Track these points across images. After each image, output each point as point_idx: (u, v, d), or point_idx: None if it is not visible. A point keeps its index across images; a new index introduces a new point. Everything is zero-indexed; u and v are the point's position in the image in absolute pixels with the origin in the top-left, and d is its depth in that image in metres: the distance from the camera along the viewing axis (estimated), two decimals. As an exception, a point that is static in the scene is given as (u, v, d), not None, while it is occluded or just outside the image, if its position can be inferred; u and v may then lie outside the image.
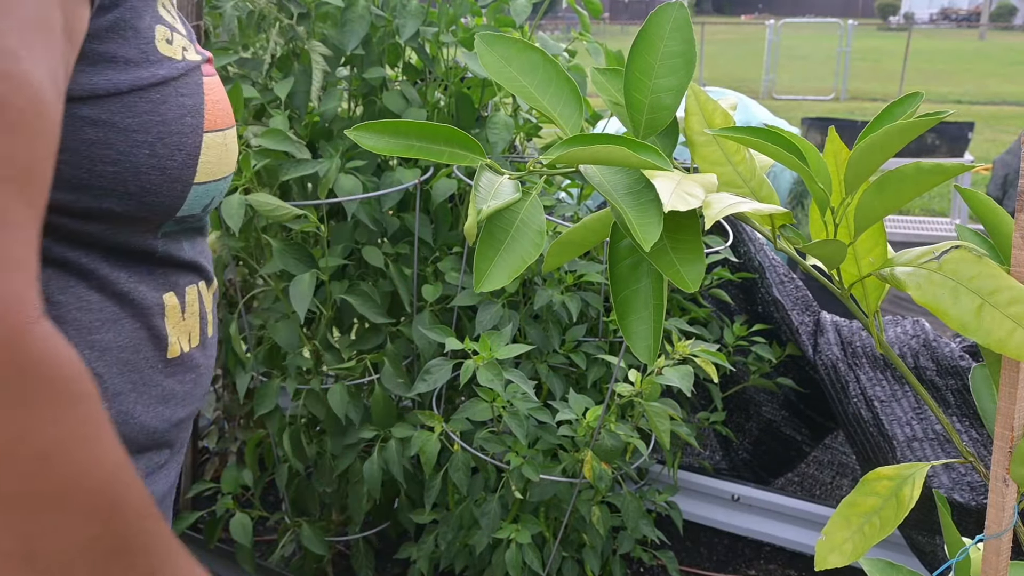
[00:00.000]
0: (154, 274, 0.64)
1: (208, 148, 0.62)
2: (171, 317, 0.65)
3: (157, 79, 0.58)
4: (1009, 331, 0.47)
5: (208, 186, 0.64)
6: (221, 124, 0.64)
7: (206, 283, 0.71)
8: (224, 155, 0.65)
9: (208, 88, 0.64)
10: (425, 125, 0.49)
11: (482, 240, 0.48)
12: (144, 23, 0.58)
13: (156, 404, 0.65)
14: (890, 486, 0.58)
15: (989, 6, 32.51)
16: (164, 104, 0.59)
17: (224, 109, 0.66)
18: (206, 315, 0.71)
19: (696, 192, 0.48)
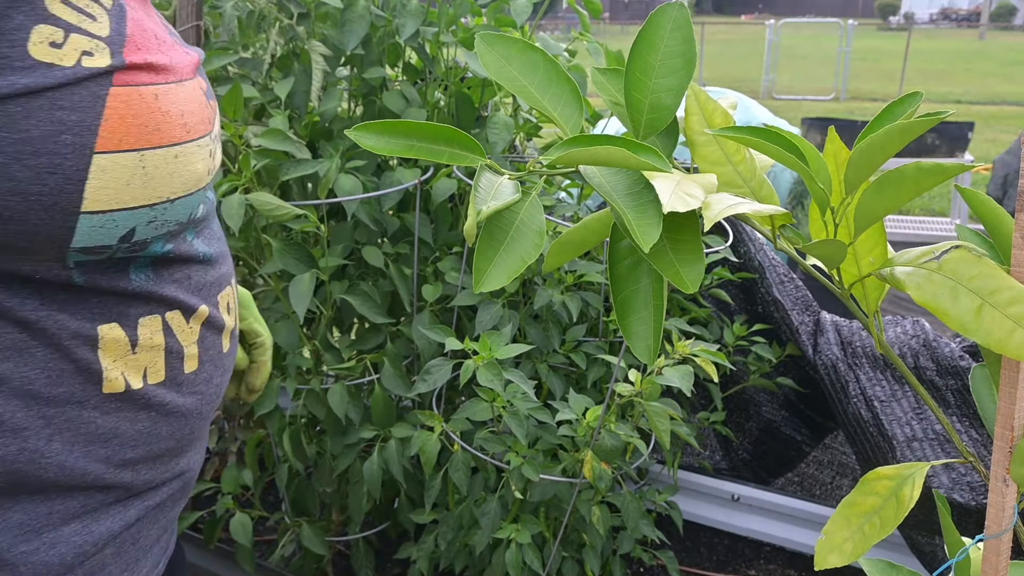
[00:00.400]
0: (85, 303, 0.58)
1: (104, 171, 0.53)
2: (110, 350, 0.59)
3: (17, 89, 0.50)
4: (1009, 331, 0.47)
5: (115, 215, 0.55)
6: (133, 144, 0.55)
7: (183, 314, 0.64)
8: (140, 179, 0.56)
9: (119, 100, 0.54)
10: (425, 125, 0.49)
11: (482, 240, 0.48)
12: (10, 23, 0.50)
13: (85, 443, 0.59)
14: (890, 486, 0.58)
15: (989, 6, 32.50)
16: (27, 119, 0.50)
17: (147, 124, 0.56)
18: (181, 350, 0.64)
19: (695, 193, 0.48)
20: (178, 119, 0.59)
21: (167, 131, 0.58)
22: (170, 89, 0.59)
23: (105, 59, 0.54)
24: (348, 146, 1.53)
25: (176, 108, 0.59)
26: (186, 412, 0.66)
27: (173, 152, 0.58)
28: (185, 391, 0.66)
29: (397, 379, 1.52)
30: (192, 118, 0.60)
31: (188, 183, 0.61)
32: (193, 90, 0.62)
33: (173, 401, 0.65)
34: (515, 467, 1.37)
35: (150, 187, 0.57)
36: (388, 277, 1.58)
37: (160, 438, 0.64)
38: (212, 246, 0.69)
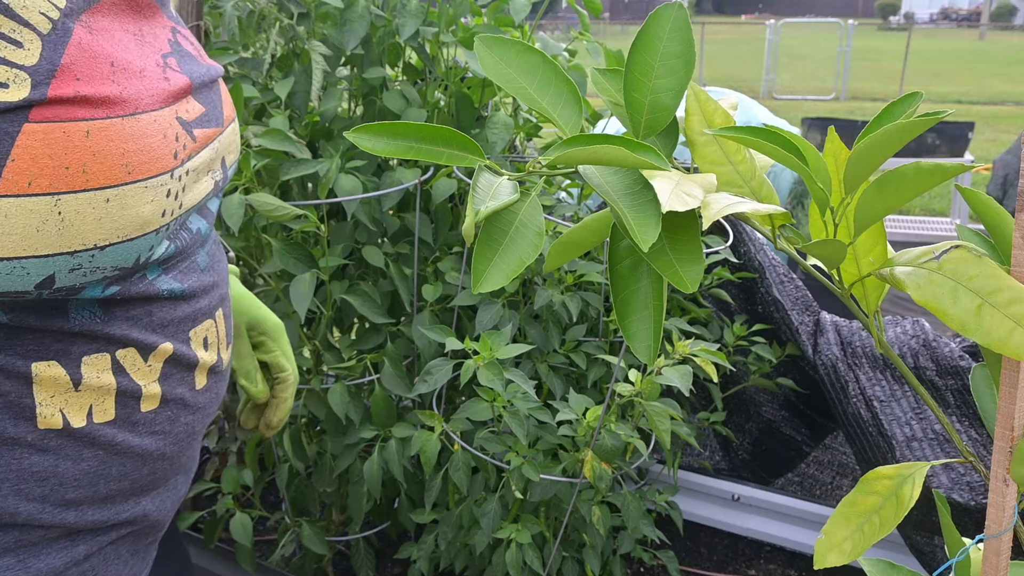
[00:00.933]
0: (16, 340, 0.54)
1: (7, 216, 0.48)
2: (47, 386, 0.55)
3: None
4: (1009, 331, 0.47)
5: (28, 261, 0.50)
6: (47, 187, 0.49)
7: (139, 351, 0.60)
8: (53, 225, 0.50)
9: (33, 141, 0.49)
10: (424, 127, 0.49)
11: (480, 241, 0.48)
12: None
13: (16, 481, 0.56)
14: (890, 485, 0.58)
15: (989, 6, 32.50)
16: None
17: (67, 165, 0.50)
18: (137, 389, 0.60)
19: (695, 192, 0.48)
20: (117, 158, 0.52)
21: (97, 172, 0.51)
22: (111, 124, 0.52)
23: (23, 91, 0.48)
24: (348, 146, 1.53)
25: (116, 146, 0.52)
26: (143, 453, 0.62)
27: (104, 196, 0.51)
28: (141, 431, 0.61)
29: (397, 379, 1.52)
30: (140, 156, 0.53)
31: (126, 229, 0.54)
32: (153, 123, 0.54)
33: (126, 441, 0.60)
34: (515, 467, 1.37)
35: (69, 234, 0.51)
36: (388, 277, 1.58)
37: (110, 478, 0.60)
38: (189, 280, 0.64)
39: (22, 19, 0.49)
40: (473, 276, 0.47)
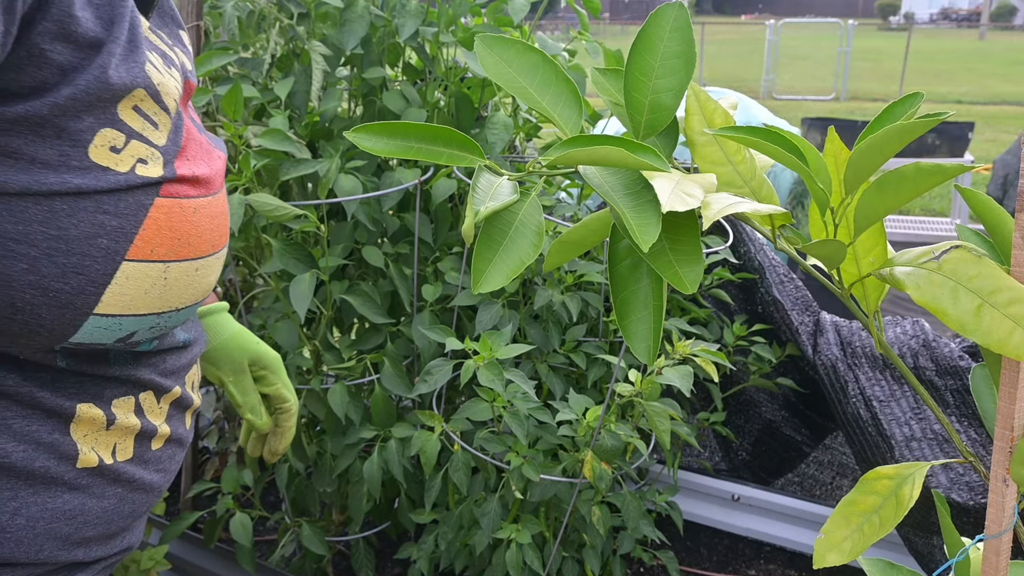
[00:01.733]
0: (63, 383, 0.57)
1: (127, 279, 0.53)
2: (82, 427, 0.58)
3: (68, 188, 0.49)
4: (1008, 331, 0.47)
5: (121, 320, 0.55)
6: (163, 255, 0.55)
7: (155, 394, 0.64)
8: (158, 289, 0.55)
9: (160, 211, 0.54)
10: (424, 126, 0.49)
11: (480, 241, 0.48)
12: (79, 124, 0.50)
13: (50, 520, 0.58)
14: (890, 485, 0.58)
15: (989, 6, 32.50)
16: (71, 217, 0.50)
17: (180, 238, 0.56)
18: (153, 429, 0.64)
19: (695, 192, 0.48)
20: (207, 233, 0.59)
21: (196, 245, 0.57)
22: (208, 203, 0.58)
23: (158, 169, 0.54)
24: (348, 146, 1.53)
25: (208, 222, 0.59)
26: (149, 488, 0.65)
27: (195, 265, 0.58)
28: (151, 468, 0.65)
29: (397, 379, 1.52)
30: (217, 232, 0.60)
31: (198, 294, 0.61)
32: (222, 201, 0.62)
33: (141, 478, 0.64)
34: (515, 467, 1.37)
35: (165, 297, 0.57)
36: (388, 277, 1.58)
37: (121, 516, 0.63)
38: (191, 331, 0.69)
39: (163, 103, 0.55)
40: (473, 276, 0.47)
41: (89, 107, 0.50)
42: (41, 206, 0.49)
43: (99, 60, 0.50)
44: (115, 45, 0.51)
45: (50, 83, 0.48)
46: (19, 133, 0.48)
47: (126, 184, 0.52)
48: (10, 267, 0.49)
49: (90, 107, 0.50)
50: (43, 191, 0.49)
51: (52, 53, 0.48)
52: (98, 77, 0.50)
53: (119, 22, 0.51)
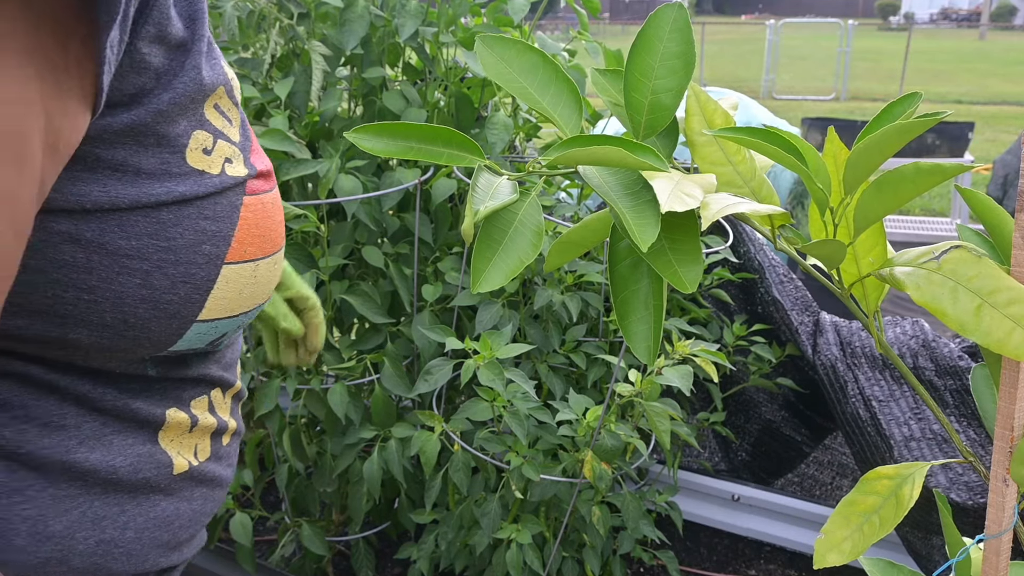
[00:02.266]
0: (151, 391, 0.57)
1: (227, 282, 0.53)
2: (170, 432, 0.59)
3: (173, 196, 0.48)
4: (1008, 331, 0.47)
5: (218, 323, 0.55)
6: (253, 254, 0.54)
7: (222, 390, 0.64)
8: (249, 288, 0.55)
9: (249, 210, 0.53)
10: (424, 127, 0.49)
11: (479, 241, 0.48)
12: (176, 129, 0.49)
13: (154, 528, 0.58)
14: (890, 485, 0.58)
15: (989, 6, 32.51)
16: (177, 226, 0.49)
17: (264, 235, 0.55)
18: (224, 425, 0.64)
19: (694, 193, 0.48)
20: (279, 226, 0.58)
21: (274, 239, 0.57)
22: (274, 196, 0.58)
23: (241, 167, 0.54)
24: (348, 146, 1.53)
25: (278, 214, 0.58)
26: (224, 484, 0.66)
27: (275, 259, 0.58)
28: (224, 463, 0.66)
29: (397, 379, 1.53)
30: (282, 226, 0.60)
31: (271, 287, 0.60)
32: (278, 194, 0.61)
33: (219, 475, 0.65)
34: (515, 467, 1.37)
35: (254, 295, 0.56)
36: (388, 277, 1.58)
37: (205, 515, 0.64)
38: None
39: (234, 98, 0.54)
40: (472, 276, 0.47)
41: (184, 110, 0.49)
42: (150, 218, 0.48)
43: (191, 61, 0.49)
44: (200, 43, 0.50)
45: (148, 88, 0.47)
46: (124, 144, 0.46)
47: (220, 186, 0.52)
48: (124, 284, 0.48)
49: (184, 110, 0.49)
50: (151, 202, 0.48)
51: (150, 57, 0.46)
52: (193, 78, 0.49)
53: (199, 19, 0.50)
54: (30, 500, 0.51)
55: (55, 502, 0.52)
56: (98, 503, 0.54)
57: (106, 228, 0.46)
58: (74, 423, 0.52)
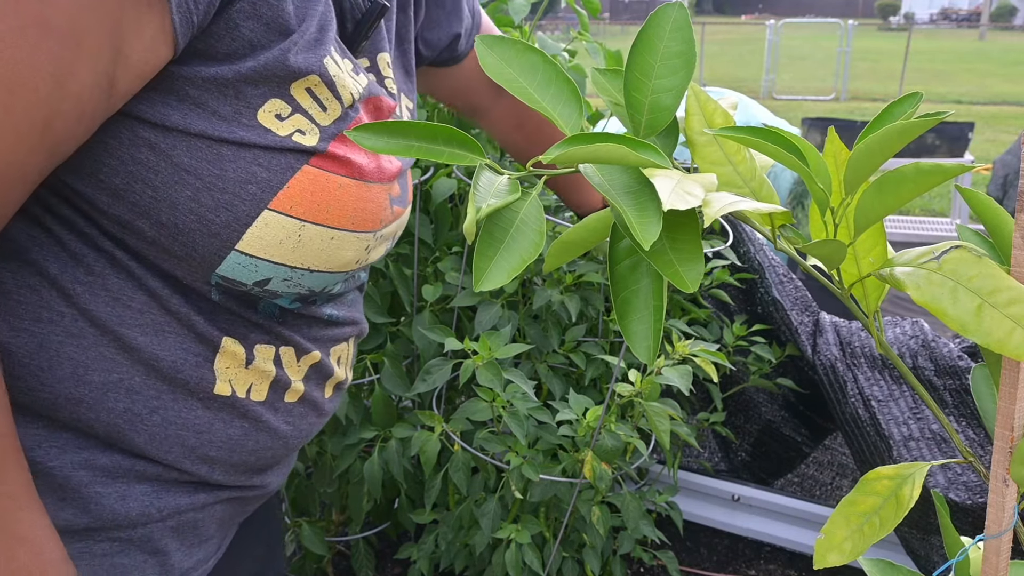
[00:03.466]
0: (216, 315, 0.66)
1: (268, 225, 0.62)
2: (225, 359, 0.67)
3: (234, 138, 0.59)
4: (1008, 331, 0.47)
5: (261, 263, 0.63)
6: (300, 213, 0.63)
7: (296, 351, 0.72)
8: (291, 242, 0.63)
9: (307, 176, 0.62)
10: (424, 125, 0.49)
11: (481, 239, 0.48)
12: (255, 91, 0.59)
13: (180, 428, 0.66)
14: (890, 485, 0.58)
15: (989, 6, 32.49)
16: (232, 162, 0.59)
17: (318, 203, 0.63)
18: (288, 381, 0.72)
19: (695, 191, 0.48)
20: (349, 211, 0.66)
21: (333, 215, 0.65)
22: (355, 185, 0.66)
23: (312, 141, 0.63)
24: (348, 146, 1.53)
25: (352, 202, 0.66)
26: (275, 434, 0.73)
27: (331, 234, 0.65)
28: (281, 417, 0.73)
29: (397, 379, 1.52)
30: (362, 215, 0.68)
31: (331, 263, 0.68)
32: (377, 193, 0.69)
33: (268, 421, 0.71)
34: (515, 467, 1.37)
35: (297, 252, 0.64)
36: (388, 277, 1.58)
37: (245, 450, 0.71)
38: (341, 311, 0.78)
39: (336, 92, 0.64)
40: (474, 274, 0.46)
41: (266, 79, 0.59)
42: (212, 149, 0.59)
43: (283, 45, 0.59)
44: (300, 36, 0.60)
45: (239, 53, 0.58)
46: (207, 89, 0.58)
47: (281, 146, 0.61)
48: (179, 192, 0.59)
49: (266, 80, 0.59)
50: (215, 136, 0.58)
51: (244, 29, 0.57)
52: (277, 58, 0.59)
53: (309, 19, 0.62)
54: (80, 346, 0.61)
55: (100, 358, 0.62)
56: (138, 379, 0.64)
57: (176, 144, 0.58)
58: (139, 308, 0.63)
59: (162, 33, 0.53)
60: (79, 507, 0.63)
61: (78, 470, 0.63)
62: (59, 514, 0.63)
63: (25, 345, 0.60)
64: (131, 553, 0.67)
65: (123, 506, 0.65)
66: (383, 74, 0.77)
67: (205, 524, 0.72)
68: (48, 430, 0.63)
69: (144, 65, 0.54)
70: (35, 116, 0.50)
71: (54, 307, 0.61)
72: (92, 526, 0.64)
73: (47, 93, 0.49)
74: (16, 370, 0.61)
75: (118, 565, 0.66)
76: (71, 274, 0.60)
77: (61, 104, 0.50)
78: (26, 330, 0.60)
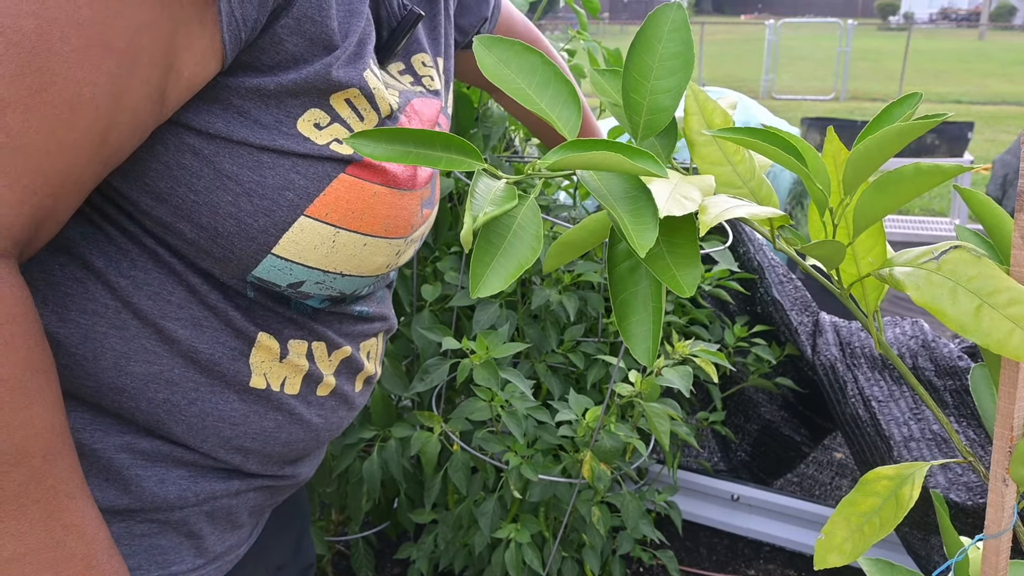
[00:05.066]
0: (252, 311, 0.68)
1: (304, 230, 0.64)
2: (260, 353, 0.69)
3: (274, 145, 0.61)
4: (1008, 331, 0.47)
5: (296, 266, 0.65)
6: (336, 220, 0.65)
7: (327, 346, 0.74)
8: (326, 247, 0.65)
9: (343, 184, 0.64)
10: (422, 132, 0.49)
11: (478, 245, 0.47)
12: (296, 101, 0.62)
13: (216, 419, 0.68)
14: (890, 486, 0.58)
15: (989, 6, 32.51)
16: (271, 169, 0.61)
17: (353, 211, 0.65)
18: (320, 375, 0.74)
19: (693, 196, 0.48)
20: (382, 219, 0.68)
21: (367, 223, 0.67)
22: (389, 193, 0.68)
23: (349, 150, 0.65)
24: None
25: (385, 210, 0.68)
26: (307, 426, 0.75)
27: (363, 240, 0.68)
28: (313, 409, 0.75)
29: (396, 379, 1.52)
30: (395, 222, 0.69)
31: (363, 268, 0.70)
32: (410, 200, 0.71)
33: (301, 414, 0.73)
34: (514, 467, 1.37)
35: (331, 257, 0.66)
36: (387, 277, 1.58)
37: (278, 442, 0.73)
38: (371, 307, 0.79)
39: (375, 103, 0.67)
40: (472, 280, 0.46)
41: (307, 91, 0.61)
42: (252, 156, 0.61)
43: (327, 60, 0.62)
44: (343, 52, 0.63)
45: (283, 66, 0.60)
46: (250, 99, 0.60)
47: (319, 154, 0.63)
48: (220, 197, 0.61)
49: (308, 91, 0.62)
50: (256, 144, 0.60)
51: (288, 44, 0.59)
52: (319, 72, 0.61)
53: (351, 35, 0.64)
54: (123, 337, 0.64)
55: (141, 350, 0.64)
56: (177, 371, 0.66)
57: (219, 151, 0.60)
58: (178, 302, 0.65)
59: (212, 48, 0.56)
60: (121, 488, 0.66)
61: (120, 453, 0.66)
62: (102, 495, 0.65)
63: (72, 335, 0.63)
64: (168, 535, 0.69)
65: (162, 489, 0.67)
66: (419, 73, 0.79)
67: (238, 511, 0.74)
68: (92, 414, 0.65)
69: (194, 78, 0.56)
70: (94, 131, 0.52)
71: (99, 299, 0.63)
72: (132, 507, 0.67)
73: (106, 109, 0.52)
74: (63, 359, 0.63)
75: (156, 546, 0.68)
76: (116, 268, 0.63)
77: (117, 118, 0.53)
78: (73, 321, 0.62)
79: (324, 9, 0.60)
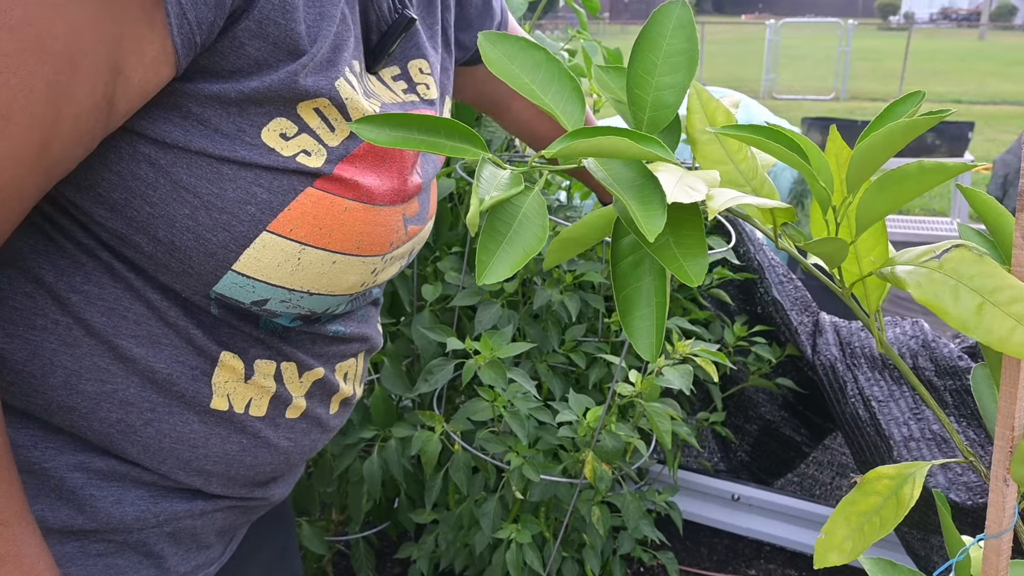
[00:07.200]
0: (215, 329, 0.65)
1: (266, 247, 0.60)
2: (223, 373, 0.66)
3: (235, 156, 0.58)
4: (1010, 329, 0.47)
5: (258, 284, 0.62)
6: (301, 236, 0.61)
7: (298, 367, 0.70)
8: (290, 265, 0.62)
9: (309, 199, 0.60)
10: (426, 118, 0.49)
11: (484, 233, 0.47)
12: (260, 109, 0.58)
13: (174, 441, 0.65)
14: (890, 485, 0.58)
15: (989, 6, 32.52)
16: (231, 181, 0.58)
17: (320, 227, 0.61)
18: (289, 398, 0.70)
19: (699, 186, 0.48)
20: (355, 236, 0.64)
21: (336, 240, 0.63)
22: (362, 208, 0.64)
23: (317, 162, 0.61)
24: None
25: (358, 227, 0.64)
26: (275, 449, 0.71)
27: (332, 258, 0.64)
28: (281, 433, 0.71)
29: (397, 379, 1.52)
30: (369, 239, 0.65)
31: (333, 287, 0.66)
32: (388, 216, 0.66)
33: (268, 437, 0.70)
34: (515, 467, 1.37)
35: (296, 275, 0.63)
36: (388, 276, 1.58)
37: (243, 465, 0.69)
38: (349, 327, 0.75)
39: (347, 115, 0.62)
40: (477, 267, 0.46)
41: (272, 99, 0.58)
42: (212, 167, 0.57)
43: (292, 67, 0.58)
44: (311, 58, 0.59)
45: (245, 72, 0.56)
46: (210, 106, 0.56)
47: (284, 166, 0.59)
48: (177, 210, 0.58)
49: (272, 99, 0.58)
50: (216, 155, 0.57)
51: (250, 48, 0.56)
52: (284, 79, 0.58)
53: (321, 40, 0.60)
54: (73, 355, 0.61)
55: (93, 368, 0.61)
56: (132, 390, 0.62)
57: (176, 161, 0.56)
58: (135, 319, 0.61)
59: (163, 52, 0.52)
60: (75, 508, 0.63)
61: (73, 472, 0.63)
62: (55, 514, 0.62)
63: (18, 352, 0.60)
64: (126, 554, 0.66)
65: (119, 510, 0.64)
66: (416, 80, 0.75)
67: (204, 531, 0.71)
68: (44, 432, 0.62)
69: (146, 84, 0.53)
70: (32, 140, 0.49)
71: (49, 315, 0.60)
72: (87, 527, 0.64)
73: (44, 117, 0.49)
74: (10, 376, 0.60)
75: (113, 565, 0.65)
76: (68, 282, 0.59)
77: (58, 126, 0.50)
78: (20, 337, 0.60)
79: (289, 12, 0.57)
